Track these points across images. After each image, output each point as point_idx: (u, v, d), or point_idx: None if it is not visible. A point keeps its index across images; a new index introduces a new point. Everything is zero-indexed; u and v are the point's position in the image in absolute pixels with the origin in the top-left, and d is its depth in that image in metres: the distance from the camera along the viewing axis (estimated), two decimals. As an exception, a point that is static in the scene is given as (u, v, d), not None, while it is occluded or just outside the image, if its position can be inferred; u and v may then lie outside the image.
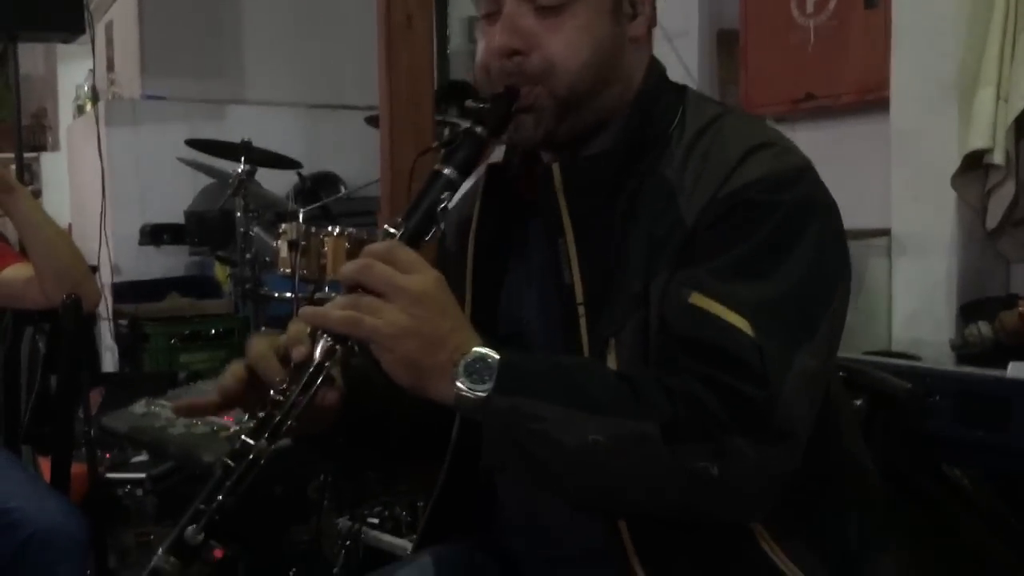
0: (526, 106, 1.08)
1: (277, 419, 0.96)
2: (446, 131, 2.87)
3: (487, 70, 1.10)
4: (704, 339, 0.96)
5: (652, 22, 1.15)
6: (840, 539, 1.11)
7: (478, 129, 1.06)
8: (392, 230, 1.01)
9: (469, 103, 1.09)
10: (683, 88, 1.16)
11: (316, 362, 0.97)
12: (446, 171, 1.03)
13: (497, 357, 0.94)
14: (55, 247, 2.02)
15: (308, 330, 0.99)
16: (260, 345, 1.02)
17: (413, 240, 1.01)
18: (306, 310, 0.98)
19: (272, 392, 0.98)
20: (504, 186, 1.20)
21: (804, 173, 1.06)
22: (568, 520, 1.14)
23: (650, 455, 0.92)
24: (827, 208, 1.06)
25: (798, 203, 1.02)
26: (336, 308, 0.95)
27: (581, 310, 1.07)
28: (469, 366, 0.93)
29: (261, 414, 0.98)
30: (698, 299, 0.98)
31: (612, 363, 1.04)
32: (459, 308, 0.99)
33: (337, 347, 0.97)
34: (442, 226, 1.04)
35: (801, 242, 1.00)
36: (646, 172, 1.07)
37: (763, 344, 0.94)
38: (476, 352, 0.94)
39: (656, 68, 1.16)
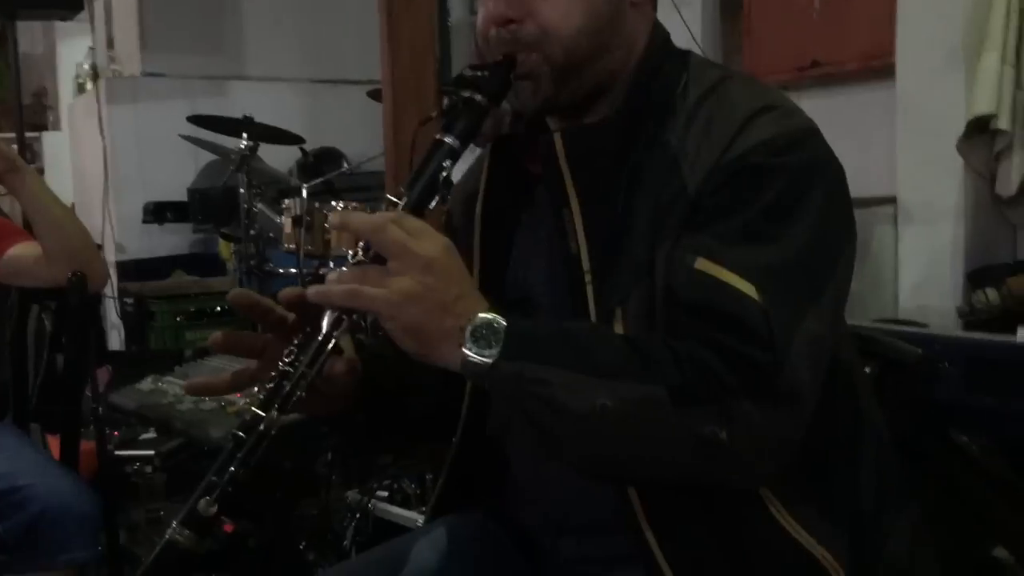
0: (523, 73, 1.08)
1: (286, 390, 0.97)
2: (444, 100, 2.86)
3: (486, 38, 1.10)
4: (710, 304, 0.96)
5: None
6: (853, 503, 1.11)
7: (477, 97, 1.05)
8: (395, 199, 1.00)
9: (466, 71, 1.08)
10: (686, 53, 1.15)
11: (323, 332, 0.97)
12: (447, 139, 1.03)
13: (504, 323, 0.94)
14: (63, 227, 2.01)
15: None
16: (240, 291, 1.06)
17: (417, 209, 1.00)
18: (310, 289, 0.97)
19: (280, 363, 0.98)
20: (510, 157, 1.20)
21: (808, 135, 1.05)
22: (579, 490, 1.14)
23: (658, 419, 0.92)
24: (832, 170, 1.06)
25: (802, 166, 1.02)
26: (341, 281, 0.94)
27: (588, 278, 1.07)
28: (476, 331, 0.93)
29: (270, 385, 0.98)
30: (704, 264, 0.97)
31: (619, 330, 1.04)
32: (467, 274, 0.99)
33: (344, 317, 0.97)
34: (447, 196, 1.04)
35: (806, 206, 1.00)
36: (650, 139, 1.07)
37: (769, 309, 0.94)
38: (483, 318, 0.94)
39: (659, 33, 1.15)
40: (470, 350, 0.93)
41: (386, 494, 2.50)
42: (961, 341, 1.89)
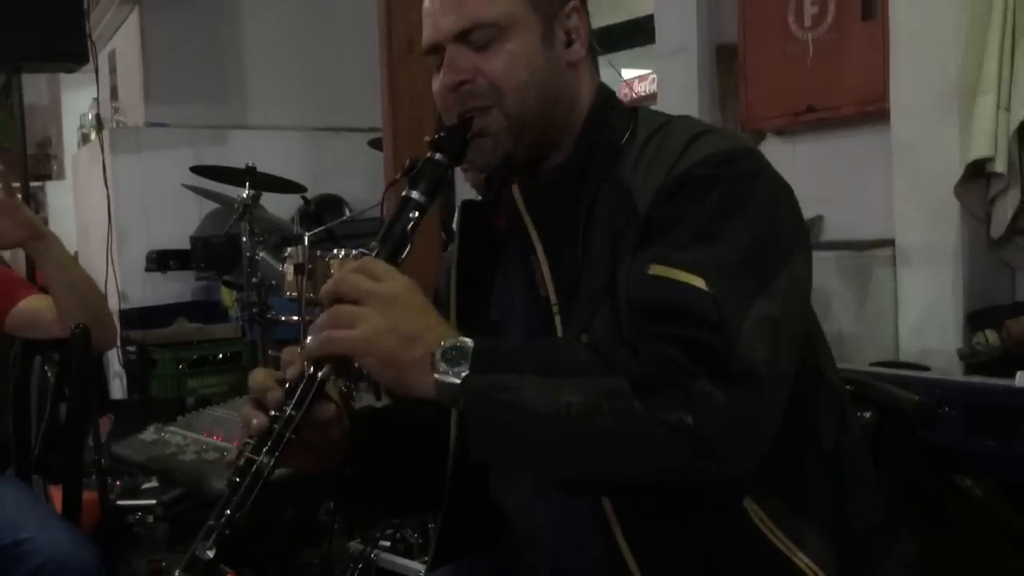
0: (480, 129, 1.16)
1: (276, 433, 1.01)
2: (406, 161, 2.88)
3: (445, 110, 1.19)
4: (664, 302, 1.01)
5: (587, 47, 1.22)
6: (842, 520, 1.13)
7: (437, 156, 1.13)
8: (367, 252, 1.08)
9: (426, 137, 1.16)
10: (635, 108, 1.23)
11: (307, 374, 1.02)
12: (413, 195, 1.11)
13: (471, 342, 0.98)
14: (81, 292, 2.06)
15: (298, 350, 1.05)
16: (259, 376, 1.08)
17: (389, 260, 1.07)
18: (287, 350, 1.05)
19: (272, 412, 1.03)
20: (479, 221, 1.28)
21: (747, 151, 1.13)
22: (565, 529, 1.16)
23: (622, 410, 0.95)
24: (773, 179, 1.12)
25: (743, 173, 1.09)
26: (314, 330, 1.01)
27: (555, 310, 1.13)
28: (446, 353, 0.98)
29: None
30: (656, 269, 1.03)
31: None
32: (433, 308, 1.04)
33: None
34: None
35: (749, 206, 1.06)
36: (602, 179, 1.15)
37: (717, 294, 0.99)
38: (451, 341, 0.99)
39: (604, 91, 1.24)
40: (441, 373, 0.97)
41: (388, 544, 2.49)
42: (960, 385, 1.89)
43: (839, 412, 1.17)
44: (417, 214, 1.10)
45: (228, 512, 0.98)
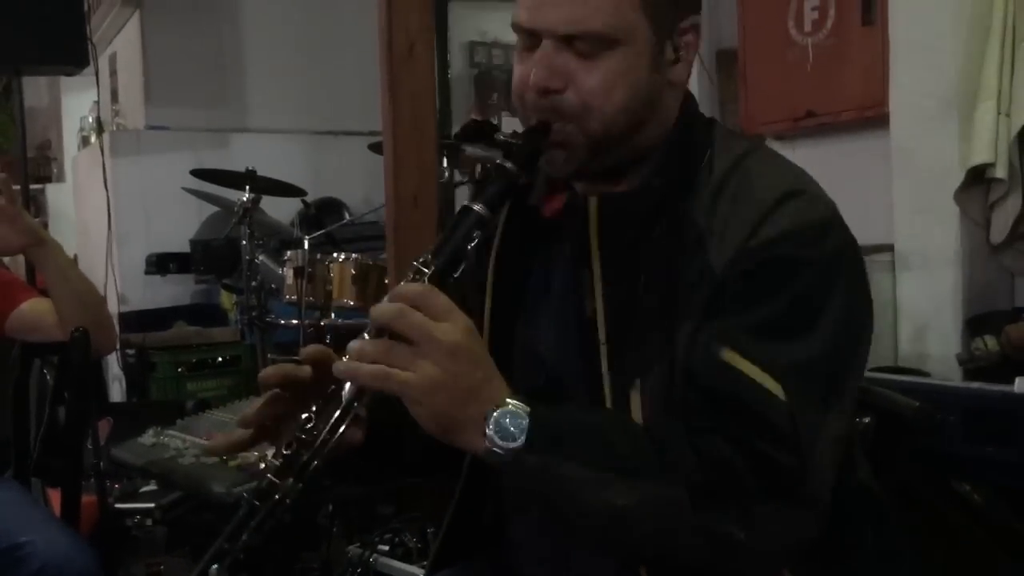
0: (558, 141, 1.07)
1: (304, 459, 0.97)
2: (478, 167, 2.86)
3: (521, 101, 1.09)
4: (736, 399, 0.96)
5: (691, 66, 1.13)
6: (856, 567, 1.12)
7: (508, 165, 1.05)
8: (423, 267, 1.00)
9: (500, 136, 1.09)
10: (711, 123, 1.16)
11: (344, 402, 0.98)
12: (476, 207, 1.02)
13: (527, 411, 0.94)
14: (82, 299, 2.06)
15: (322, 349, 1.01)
16: (272, 368, 1.04)
17: (442, 277, 1.00)
18: (339, 365, 0.97)
19: (298, 432, 0.98)
20: (526, 207, 1.19)
21: (834, 225, 1.05)
22: (582, 551, 1.14)
23: (677, 519, 0.93)
24: (855, 259, 1.06)
25: (828, 258, 1.02)
26: (367, 358, 0.94)
27: (603, 347, 1.07)
28: (498, 420, 0.94)
29: (286, 452, 0.98)
30: (731, 356, 0.97)
31: (636, 403, 1.04)
32: (488, 357, 0.98)
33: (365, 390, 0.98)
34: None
35: (832, 299, 1.00)
36: (676, 214, 1.06)
37: (795, 410, 0.95)
38: (507, 406, 0.94)
39: (691, 106, 1.15)
40: (493, 441, 0.93)
41: (387, 548, 2.48)
42: (959, 391, 1.89)
43: (851, 464, 1.12)
44: (479, 232, 1.02)
45: (245, 538, 0.95)
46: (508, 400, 0.95)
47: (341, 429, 0.98)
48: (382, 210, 3.01)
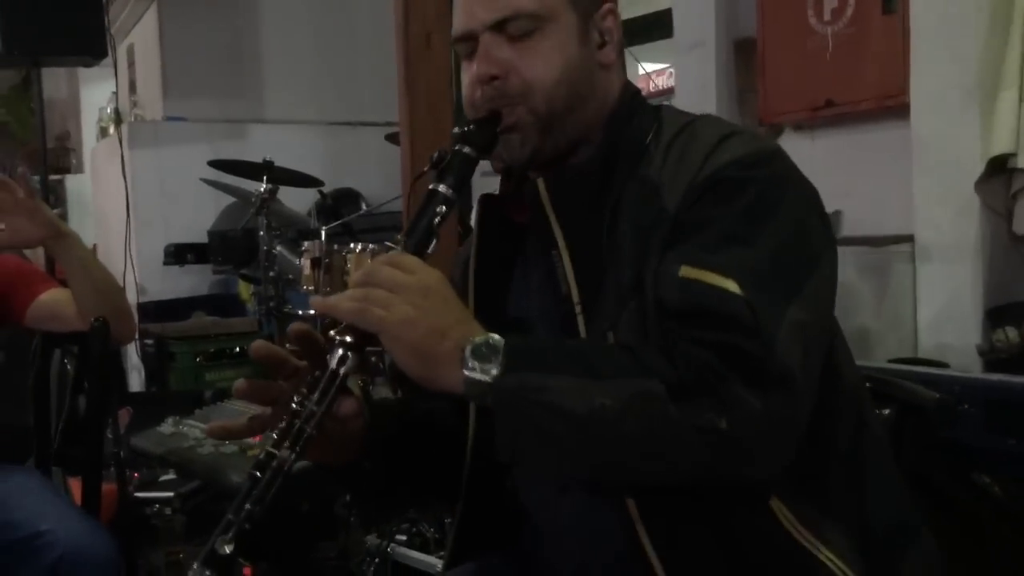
0: (509, 125, 1.15)
1: (297, 427, 1.00)
2: (434, 154, 2.87)
3: (472, 101, 1.18)
4: (697, 305, 1.01)
5: (620, 50, 1.22)
6: (863, 517, 1.13)
7: (465, 149, 1.13)
8: (394, 246, 1.08)
9: (455, 129, 1.16)
10: (659, 107, 1.23)
11: (331, 369, 1.01)
12: (440, 188, 1.11)
13: (501, 340, 0.98)
14: (102, 290, 2.08)
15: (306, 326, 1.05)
16: (262, 343, 1.08)
17: (415, 254, 1.07)
18: (316, 299, 1.04)
19: (292, 404, 1.02)
20: (500, 216, 1.27)
21: (776, 154, 1.12)
22: (588, 527, 1.16)
23: (657, 413, 0.95)
24: (802, 181, 1.12)
25: (773, 176, 1.09)
26: (345, 299, 1.00)
27: (578, 309, 1.12)
28: (476, 350, 0.97)
29: (282, 425, 1.01)
30: (687, 271, 1.03)
31: None
32: (462, 303, 1.04)
33: (350, 353, 1.01)
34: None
35: (779, 209, 1.06)
36: (627, 177, 1.14)
37: (752, 300, 0.99)
38: (481, 337, 0.98)
39: (629, 88, 1.23)
40: (471, 369, 0.97)
41: (405, 538, 2.49)
42: (980, 383, 1.88)
43: (856, 410, 1.16)
44: (444, 208, 1.10)
45: (248, 507, 0.98)
46: (482, 334, 0.98)
47: (330, 395, 1.01)
48: (399, 200, 3.01)
